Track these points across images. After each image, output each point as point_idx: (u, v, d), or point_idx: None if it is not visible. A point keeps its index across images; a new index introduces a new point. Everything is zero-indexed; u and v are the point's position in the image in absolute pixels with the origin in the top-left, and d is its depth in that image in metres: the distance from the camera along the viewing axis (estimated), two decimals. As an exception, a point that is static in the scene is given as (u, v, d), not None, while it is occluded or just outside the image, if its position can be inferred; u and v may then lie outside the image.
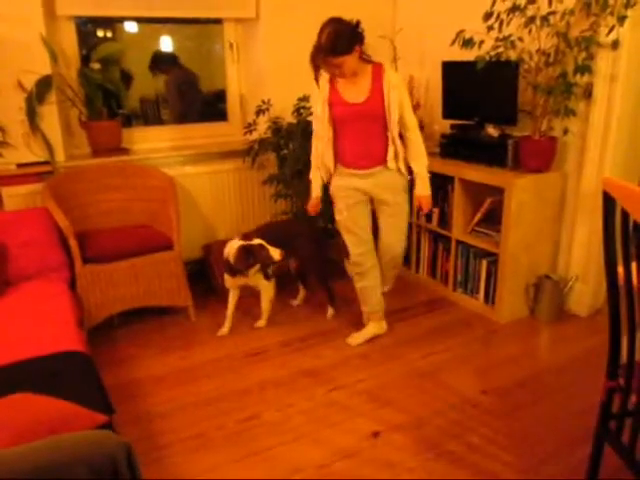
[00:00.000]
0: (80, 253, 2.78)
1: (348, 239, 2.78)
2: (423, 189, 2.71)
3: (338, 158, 2.69)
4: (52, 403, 1.56)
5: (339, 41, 2.36)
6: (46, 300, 2.45)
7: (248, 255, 2.78)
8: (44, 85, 3.05)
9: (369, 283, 2.84)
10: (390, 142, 2.60)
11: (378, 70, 2.55)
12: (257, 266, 2.88)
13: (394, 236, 2.79)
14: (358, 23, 2.45)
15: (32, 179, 3.04)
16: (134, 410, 2.41)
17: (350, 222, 2.75)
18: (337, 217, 2.80)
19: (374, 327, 2.94)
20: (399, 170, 2.66)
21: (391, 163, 2.63)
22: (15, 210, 2.95)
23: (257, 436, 2.23)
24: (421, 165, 2.68)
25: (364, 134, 2.59)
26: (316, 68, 2.52)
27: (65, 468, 1.09)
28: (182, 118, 4.23)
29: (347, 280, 3.18)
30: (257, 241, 2.80)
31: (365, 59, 2.56)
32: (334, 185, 2.75)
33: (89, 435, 1.21)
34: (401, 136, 2.63)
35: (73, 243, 2.74)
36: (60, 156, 3.19)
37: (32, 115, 3.03)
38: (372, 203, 2.78)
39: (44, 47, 3.01)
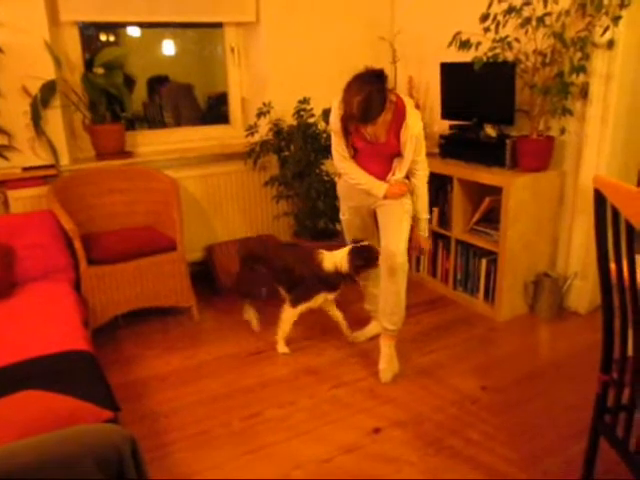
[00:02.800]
0: (85, 255, 2.82)
1: (349, 240, 2.82)
2: (424, 230, 2.73)
3: None
4: (58, 399, 1.60)
5: (372, 108, 2.22)
6: (52, 301, 2.49)
7: (361, 256, 2.64)
8: (48, 90, 3.10)
9: (371, 284, 2.88)
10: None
11: (400, 110, 2.40)
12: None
13: (393, 239, 2.65)
14: (382, 72, 2.29)
15: (37, 182, 3.09)
16: (139, 409, 2.45)
17: (350, 224, 2.80)
18: (341, 216, 2.84)
19: (376, 326, 2.98)
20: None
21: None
22: (21, 213, 3.00)
23: (260, 433, 2.27)
24: (424, 206, 2.66)
25: (380, 161, 2.57)
26: (346, 133, 2.47)
27: (71, 459, 1.13)
28: (182, 124, 4.31)
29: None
30: (365, 242, 2.70)
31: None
32: (342, 185, 2.73)
33: (94, 428, 1.25)
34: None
35: (78, 245, 2.79)
36: (65, 159, 3.24)
37: (37, 119, 3.08)
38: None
39: (48, 53, 3.07)
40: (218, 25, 3.82)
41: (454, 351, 2.85)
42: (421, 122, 2.45)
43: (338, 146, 2.56)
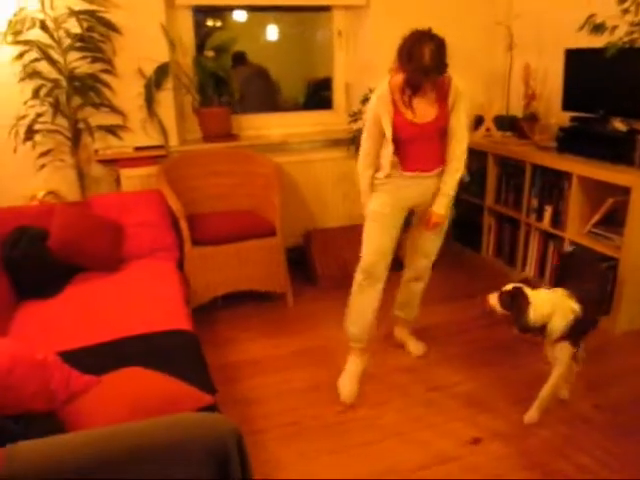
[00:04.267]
0: (189, 235, 2.88)
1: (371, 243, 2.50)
2: (440, 206, 2.39)
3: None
4: (163, 380, 1.62)
5: (443, 58, 2.11)
6: (157, 278, 2.56)
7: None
8: (162, 72, 3.19)
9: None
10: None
11: (446, 83, 2.26)
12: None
13: (433, 240, 2.55)
14: (431, 30, 2.16)
15: (148, 162, 3.19)
16: (231, 393, 2.46)
17: (385, 222, 2.42)
18: (369, 209, 2.44)
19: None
20: None
21: None
22: (132, 191, 3.11)
23: (352, 430, 2.21)
24: (454, 182, 2.39)
25: (427, 143, 2.34)
26: (415, 90, 2.17)
27: (181, 446, 1.12)
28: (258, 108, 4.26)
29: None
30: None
31: None
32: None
33: (203, 417, 1.23)
34: None
35: (184, 225, 2.85)
36: (174, 140, 3.32)
37: (150, 101, 3.18)
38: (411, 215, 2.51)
39: (163, 36, 3.14)
40: (326, 8, 3.75)
41: (563, 362, 2.63)
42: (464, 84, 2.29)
43: (370, 149, 2.33)
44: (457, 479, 1.95)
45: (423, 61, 2.06)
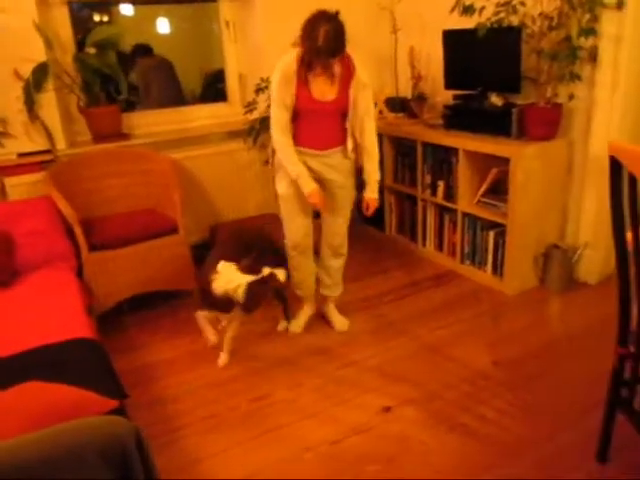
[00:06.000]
0: (86, 240, 2.78)
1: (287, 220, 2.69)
2: (374, 192, 2.63)
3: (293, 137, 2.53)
4: (63, 390, 1.57)
5: (338, 41, 2.20)
6: (54, 289, 2.45)
7: (263, 291, 2.35)
8: (41, 73, 3.03)
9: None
10: (349, 134, 2.56)
11: (347, 65, 2.40)
12: None
13: (340, 218, 2.71)
14: (338, 13, 2.27)
15: (34, 168, 3.04)
16: (147, 394, 2.43)
17: (290, 200, 2.61)
18: (278, 190, 2.65)
19: (307, 310, 2.92)
20: (351, 158, 2.62)
21: (349, 153, 2.59)
22: (19, 200, 2.95)
23: (269, 415, 2.25)
24: (375, 167, 2.60)
25: (325, 124, 2.49)
26: (309, 68, 2.31)
27: (75, 453, 1.10)
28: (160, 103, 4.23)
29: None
30: (266, 270, 2.31)
31: None
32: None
33: (97, 420, 1.21)
34: None
35: (78, 231, 2.74)
36: (61, 144, 3.18)
37: (30, 104, 3.02)
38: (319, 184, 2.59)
39: (38, 34, 2.98)
40: (212, 0, 3.70)
41: (463, 327, 2.81)
42: (368, 74, 2.47)
43: (281, 116, 2.41)
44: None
45: (317, 42, 2.17)
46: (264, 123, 3.45)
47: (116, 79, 3.36)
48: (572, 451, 1.96)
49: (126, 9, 4.39)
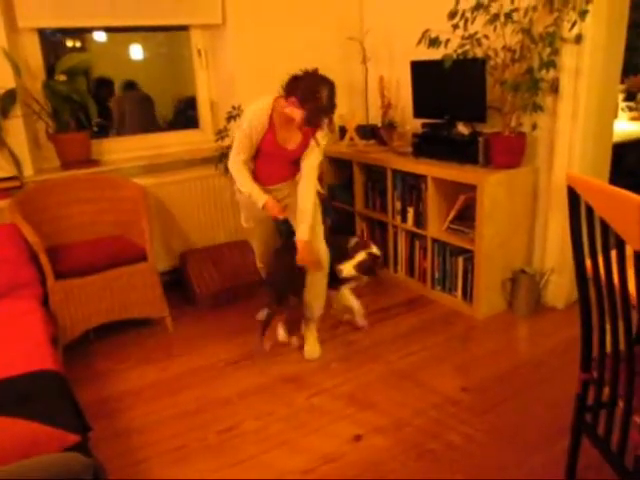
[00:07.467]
0: (52, 268, 2.73)
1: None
2: (304, 233, 2.62)
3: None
4: (20, 425, 1.52)
5: (335, 98, 2.38)
6: (17, 318, 2.39)
7: (373, 260, 2.89)
8: (8, 99, 3.00)
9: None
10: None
11: None
12: None
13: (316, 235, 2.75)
14: (318, 70, 2.43)
15: (0, 195, 2.98)
16: (112, 426, 2.37)
17: (254, 233, 2.91)
18: (243, 224, 2.89)
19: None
20: None
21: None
22: (-17, 227, 2.88)
23: (238, 445, 2.21)
24: (309, 206, 2.62)
25: (279, 165, 2.64)
26: (315, 127, 2.46)
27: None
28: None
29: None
30: (364, 250, 2.88)
31: None
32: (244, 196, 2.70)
33: (53, 458, 1.18)
34: None
35: (43, 259, 2.69)
36: (28, 170, 3.14)
37: (-3, 130, 2.98)
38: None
39: (6, 60, 2.96)
40: (184, 28, 3.74)
41: (434, 352, 2.83)
42: (326, 135, 2.58)
43: (244, 147, 2.54)
44: (339, 478, 2.02)
45: (322, 103, 2.31)
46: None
47: (85, 106, 3.34)
48: (541, 476, 1.97)
49: (99, 35, 4.39)
